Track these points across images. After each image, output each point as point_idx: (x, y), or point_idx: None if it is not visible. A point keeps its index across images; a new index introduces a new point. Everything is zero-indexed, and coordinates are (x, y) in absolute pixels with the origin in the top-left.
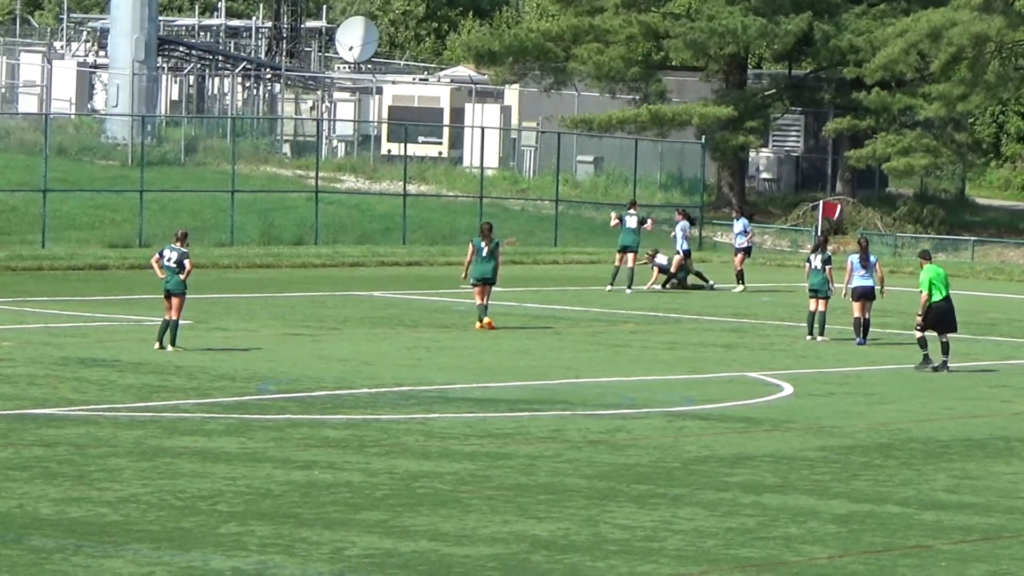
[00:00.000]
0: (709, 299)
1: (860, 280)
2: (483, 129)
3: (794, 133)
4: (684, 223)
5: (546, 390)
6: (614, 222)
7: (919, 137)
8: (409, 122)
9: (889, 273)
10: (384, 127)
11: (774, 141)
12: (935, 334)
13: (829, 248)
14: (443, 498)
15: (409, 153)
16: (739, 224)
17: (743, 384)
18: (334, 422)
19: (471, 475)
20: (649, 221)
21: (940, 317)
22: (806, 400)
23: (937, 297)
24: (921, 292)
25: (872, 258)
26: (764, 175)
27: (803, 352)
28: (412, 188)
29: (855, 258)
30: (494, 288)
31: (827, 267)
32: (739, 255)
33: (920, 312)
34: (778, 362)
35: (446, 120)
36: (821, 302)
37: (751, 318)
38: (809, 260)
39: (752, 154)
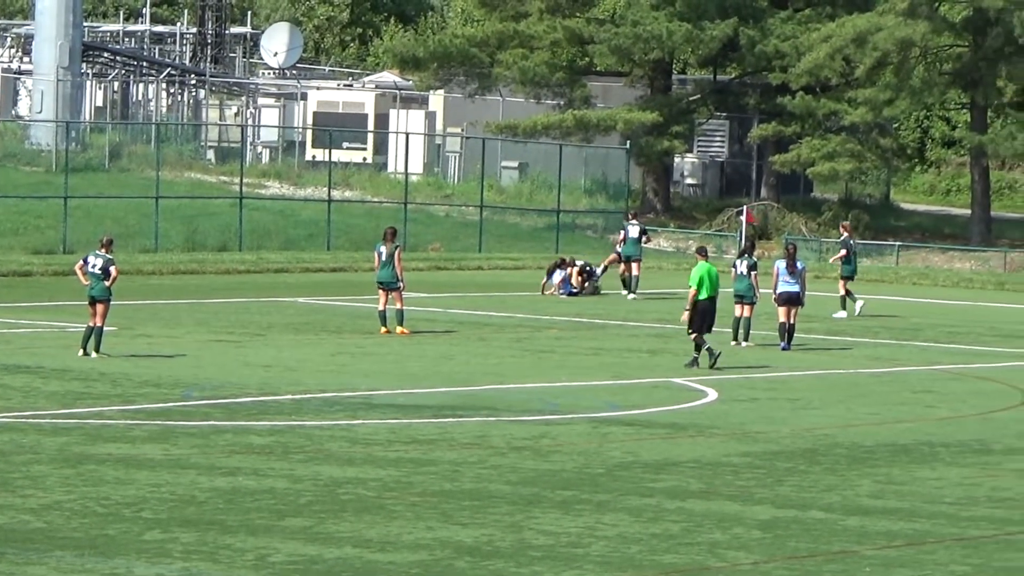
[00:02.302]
0: (634, 305)
1: (786, 286)
2: (407, 135)
3: (719, 138)
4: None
5: (471, 396)
6: (620, 237)
7: (844, 142)
8: (334, 128)
9: (814, 279)
10: (309, 133)
11: (699, 146)
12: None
13: (755, 253)
14: (367, 504)
15: (334, 159)
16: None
17: (667, 390)
18: (258, 428)
19: (395, 481)
20: (644, 238)
21: (704, 315)
22: (731, 406)
23: (704, 295)
24: (690, 287)
25: (800, 264)
26: (689, 180)
27: (728, 358)
28: (337, 194)
29: (782, 264)
30: (405, 293)
31: (752, 273)
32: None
33: (688, 307)
34: (703, 368)
35: (370, 126)
36: (746, 308)
37: (675, 324)
38: (734, 266)
39: (677, 159)
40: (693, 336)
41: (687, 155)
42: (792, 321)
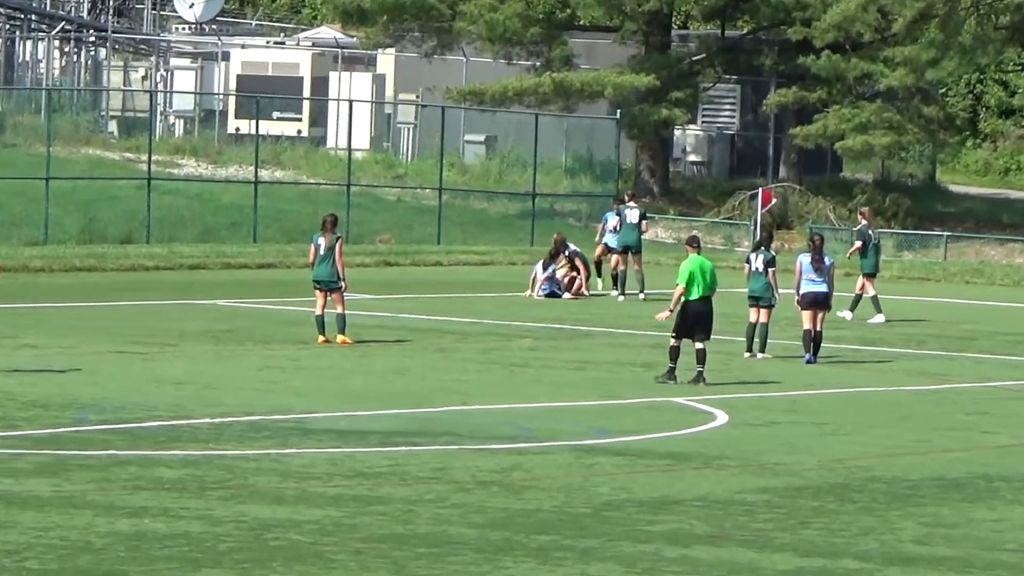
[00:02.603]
0: (626, 308)
1: (812, 285)
2: (351, 103)
3: (728, 106)
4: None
5: (428, 420)
6: (614, 222)
7: (879, 111)
8: (262, 94)
9: (844, 276)
10: (232, 100)
11: (704, 116)
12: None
13: (773, 246)
14: (301, 552)
15: (262, 132)
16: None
17: (668, 412)
18: (169, 459)
19: (336, 524)
20: (644, 223)
21: (695, 320)
22: (744, 431)
23: (695, 295)
24: (677, 284)
25: (827, 259)
26: (692, 157)
27: (741, 373)
28: (265, 174)
29: (806, 259)
30: (347, 294)
31: (770, 269)
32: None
33: (671, 307)
34: (709, 385)
35: (306, 92)
36: (763, 312)
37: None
38: (748, 261)
39: (677, 132)
40: (673, 342)
41: (690, 127)
42: (819, 328)
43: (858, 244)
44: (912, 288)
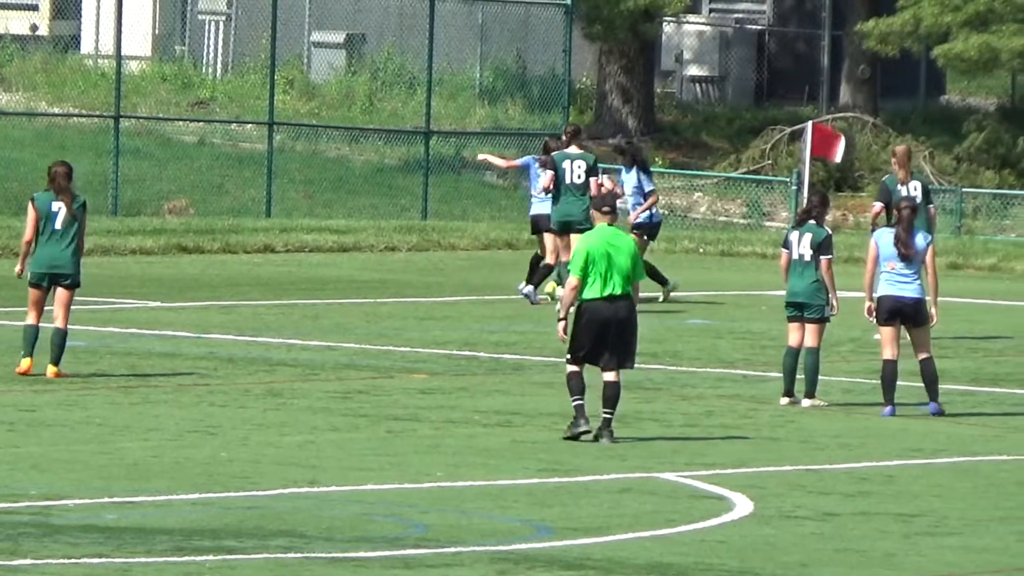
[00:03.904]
0: None
1: (895, 284)
2: None
3: None
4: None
5: (252, 510)
6: (546, 180)
7: None
8: None
9: (948, 267)
10: None
11: (714, 2)
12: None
13: (827, 219)
14: None
15: None
16: (631, 177)
17: (652, 495)
18: None
19: None
20: (593, 182)
21: (600, 332)
22: (780, 528)
23: (596, 292)
24: (568, 274)
25: (922, 238)
26: (693, 71)
27: (775, 430)
28: None
29: (886, 239)
30: (78, 294)
31: (823, 258)
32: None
33: (562, 313)
34: (721, 450)
35: None
36: (810, 330)
37: (666, 360)
38: (787, 244)
39: (668, 29)
40: (571, 367)
41: (690, 18)
42: (918, 357)
43: (877, 208)
44: None
